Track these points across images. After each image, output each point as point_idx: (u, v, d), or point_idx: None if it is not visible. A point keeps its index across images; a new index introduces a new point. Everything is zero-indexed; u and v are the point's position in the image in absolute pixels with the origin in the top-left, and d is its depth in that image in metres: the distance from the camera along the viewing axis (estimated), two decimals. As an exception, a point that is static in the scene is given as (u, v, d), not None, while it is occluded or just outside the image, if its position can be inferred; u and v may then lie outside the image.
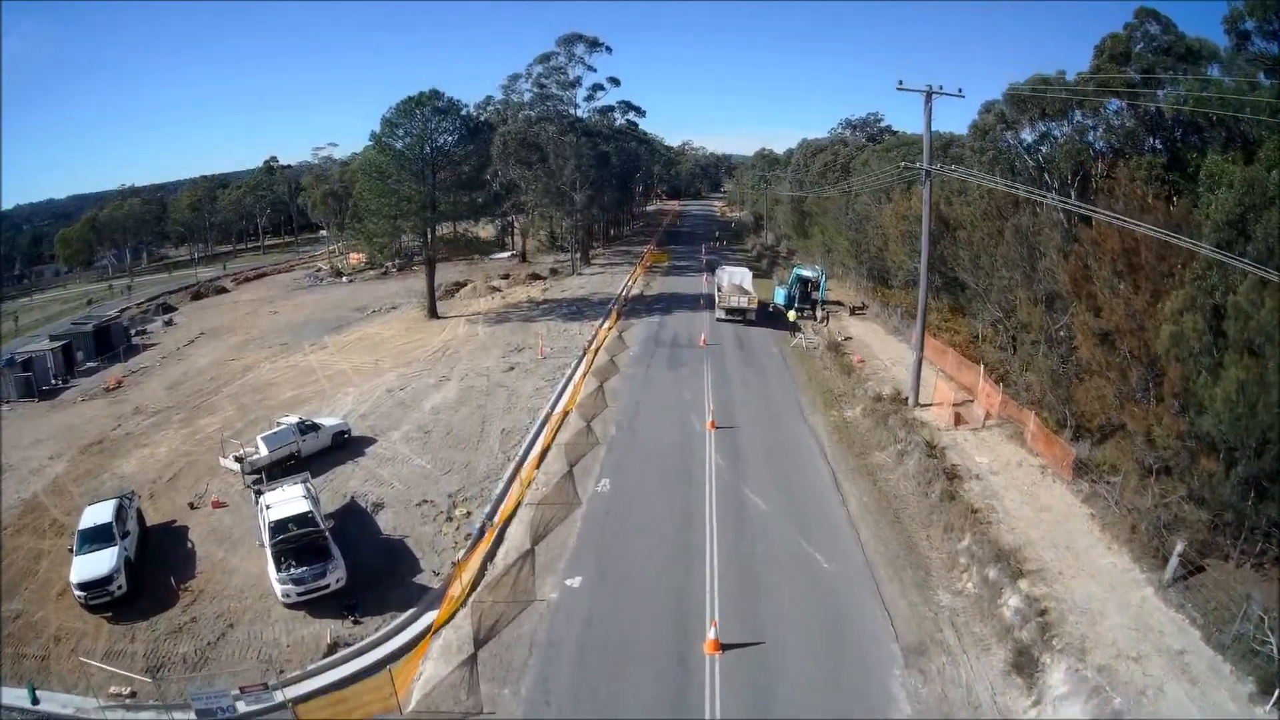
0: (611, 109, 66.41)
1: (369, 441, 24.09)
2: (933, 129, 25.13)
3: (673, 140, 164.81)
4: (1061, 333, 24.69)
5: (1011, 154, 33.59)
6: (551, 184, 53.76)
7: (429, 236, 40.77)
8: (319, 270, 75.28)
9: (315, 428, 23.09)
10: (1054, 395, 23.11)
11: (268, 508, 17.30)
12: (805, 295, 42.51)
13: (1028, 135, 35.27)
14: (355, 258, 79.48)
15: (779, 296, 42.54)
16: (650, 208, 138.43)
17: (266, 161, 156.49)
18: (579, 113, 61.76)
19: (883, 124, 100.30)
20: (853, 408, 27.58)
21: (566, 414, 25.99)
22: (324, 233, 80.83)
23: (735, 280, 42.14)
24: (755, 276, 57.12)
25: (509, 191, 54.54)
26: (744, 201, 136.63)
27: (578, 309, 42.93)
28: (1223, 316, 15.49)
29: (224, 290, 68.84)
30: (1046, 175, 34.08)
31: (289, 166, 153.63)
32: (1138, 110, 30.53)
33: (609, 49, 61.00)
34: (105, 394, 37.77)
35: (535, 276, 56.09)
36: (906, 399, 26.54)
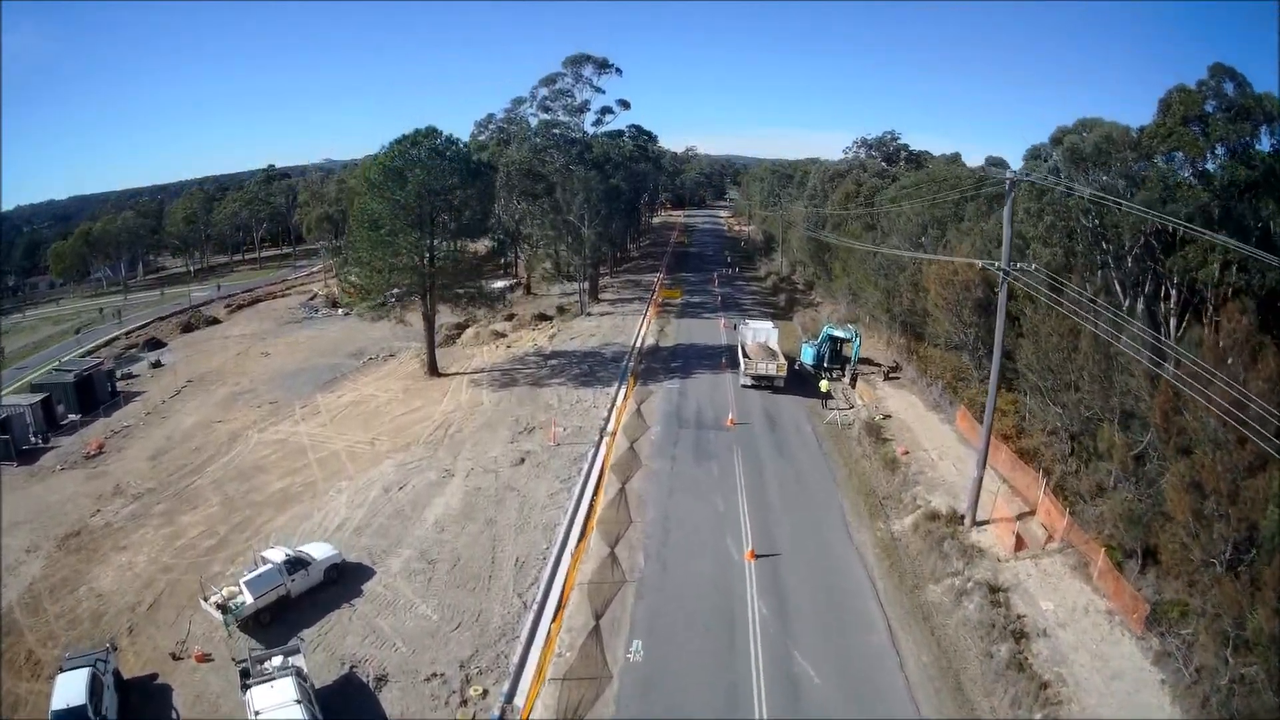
0: (621, 134, 63.53)
1: (366, 573, 21.28)
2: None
3: (675, 142, 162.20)
4: (1145, 462, 22.05)
5: (1071, 218, 30.92)
6: (559, 219, 50.83)
7: (428, 297, 37.72)
8: (313, 299, 72.28)
9: (305, 564, 20.27)
10: (1128, 535, 20.51)
11: (256, 714, 14.63)
12: (835, 353, 39.88)
13: (1083, 187, 32.53)
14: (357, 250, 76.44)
15: (807, 355, 39.80)
16: (656, 220, 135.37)
17: (265, 170, 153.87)
18: (587, 136, 58.85)
19: (899, 141, 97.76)
20: (900, 518, 24.93)
21: (588, 533, 23.21)
22: (320, 253, 77.49)
23: (760, 339, 39.49)
24: (775, 318, 54.72)
25: (514, 238, 51.60)
26: (751, 215, 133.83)
27: (589, 368, 40.05)
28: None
29: (216, 321, 65.87)
30: (1105, 243, 31.44)
31: (286, 176, 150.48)
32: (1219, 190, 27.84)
33: (619, 70, 58.25)
34: (85, 461, 35.23)
35: (541, 317, 53.21)
36: (962, 517, 23.87)
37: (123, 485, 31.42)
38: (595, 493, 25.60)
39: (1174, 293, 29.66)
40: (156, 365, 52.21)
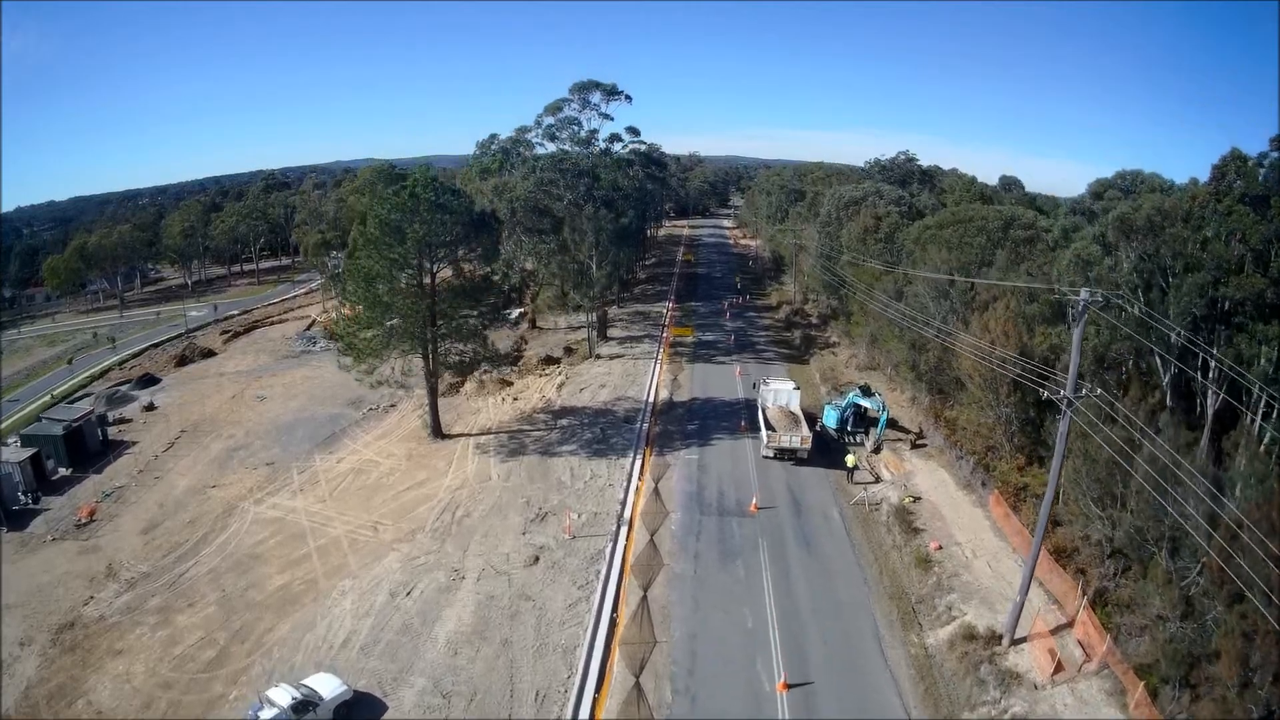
0: (631, 163, 62.09)
1: (378, 709, 20.04)
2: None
3: (678, 143, 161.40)
4: (1193, 601, 20.88)
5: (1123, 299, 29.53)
6: (567, 260, 49.45)
7: (429, 359, 36.30)
8: (310, 327, 70.94)
9: (312, 705, 19.03)
10: (1170, 668, 19.43)
11: None
12: (859, 415, 38.72)
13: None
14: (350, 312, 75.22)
15: (830, 418, 38.62)
16: (661, 232, 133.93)
17: (264, 179, 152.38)
18: (595, 167, 57.34)
19: (915, 162, 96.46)
20: (935, 630, 23.93)
21: (611, 656, 21.98)
22: (317, 277, 76.09)
23: (781, 401, 38.30)
24: (791, 360, 53.53)
25: (523, 285, 50.18)
26: (758, 229, 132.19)
27: (602, 431, 38.74)
28: None
29: (211, 353, 64.46)
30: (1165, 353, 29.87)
31: (286, 185, 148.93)
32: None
33: (628, 97, 56.80)
34: (77, 530, 34.14)
35: (549, 360, 51.89)
36: (1000, 636, 22.83)
37: (115, 565, 30.39)
38: (616, 604, 24.34)
39: (1212, 390, 28.51)
40: (150, 408, 50.90)
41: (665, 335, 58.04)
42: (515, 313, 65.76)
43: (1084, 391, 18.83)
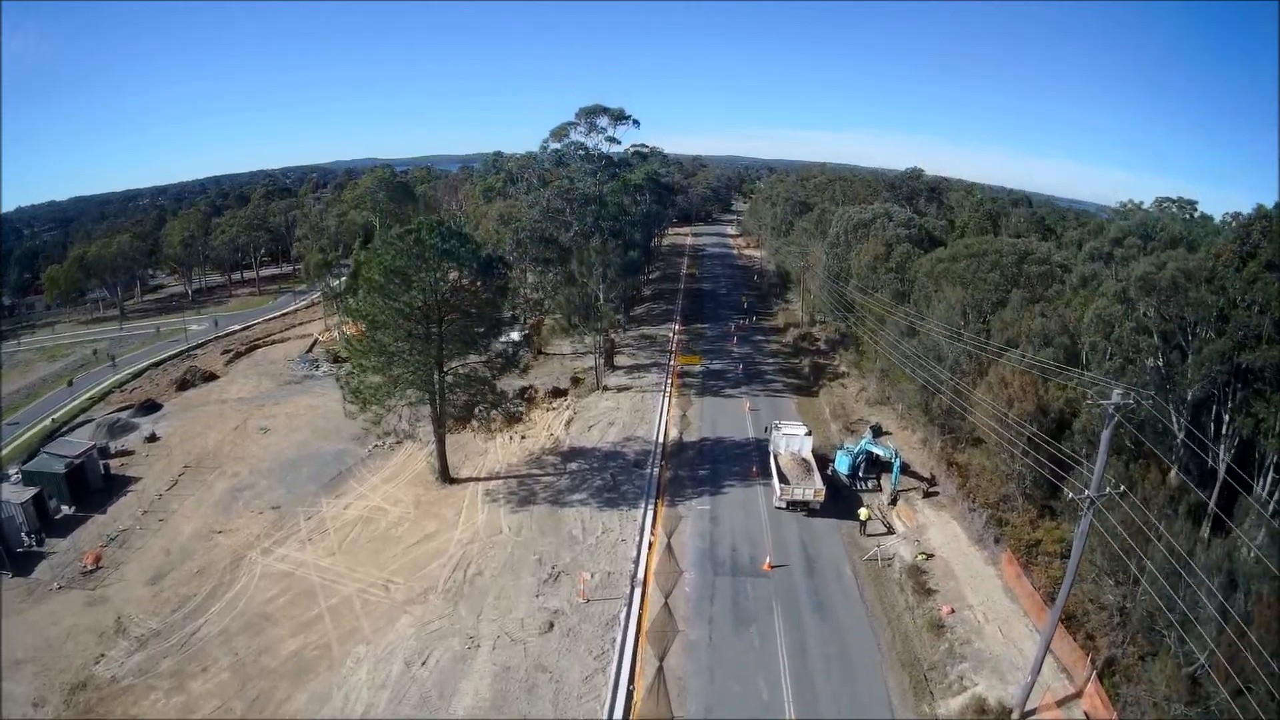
0: (641, 188, 62.20)
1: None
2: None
3: (679, 143, 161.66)
4: (1200, 684, 21.14)
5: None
6: (574, 293, 49.56)
7: (437, 405, 36.36)
8: (313, 348, 71.07)
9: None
10: None
11: None
12: (871, 461, 38.98)
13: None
14: (351, 329, 75.38)
15: (842, 464, 38.85)
16: (664, 242, 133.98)
17: (265, 185, 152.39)
18: (602, 194, 57.49)
19: (922, 178, 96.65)
20: (946, 700, 24.29)
21: (627, 738, 22.20)
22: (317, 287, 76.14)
23: (793, 448, 38.58)
24: (800, 392, 53.68)
25: (530, 311, 50.24)
26: (761, 239, 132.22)
27: (612, 477, 38.89)
28: None
29: (213, 376, 64.57)
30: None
31: (288, 192, 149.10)
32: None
33: (636, 122, 57.01)
34: (83, 577, 34.38)
35: (556, 393, 52.07)
36: (1010, 710, 23.18)
37: (125, 620, 30.65)
38: (633, 676, 24.55)
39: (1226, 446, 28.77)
40: (152, 439, 51.02)
41: (673, 364, 58.14)
42: (519, 335, 65.98)
43: (1107, 490, 18.97)
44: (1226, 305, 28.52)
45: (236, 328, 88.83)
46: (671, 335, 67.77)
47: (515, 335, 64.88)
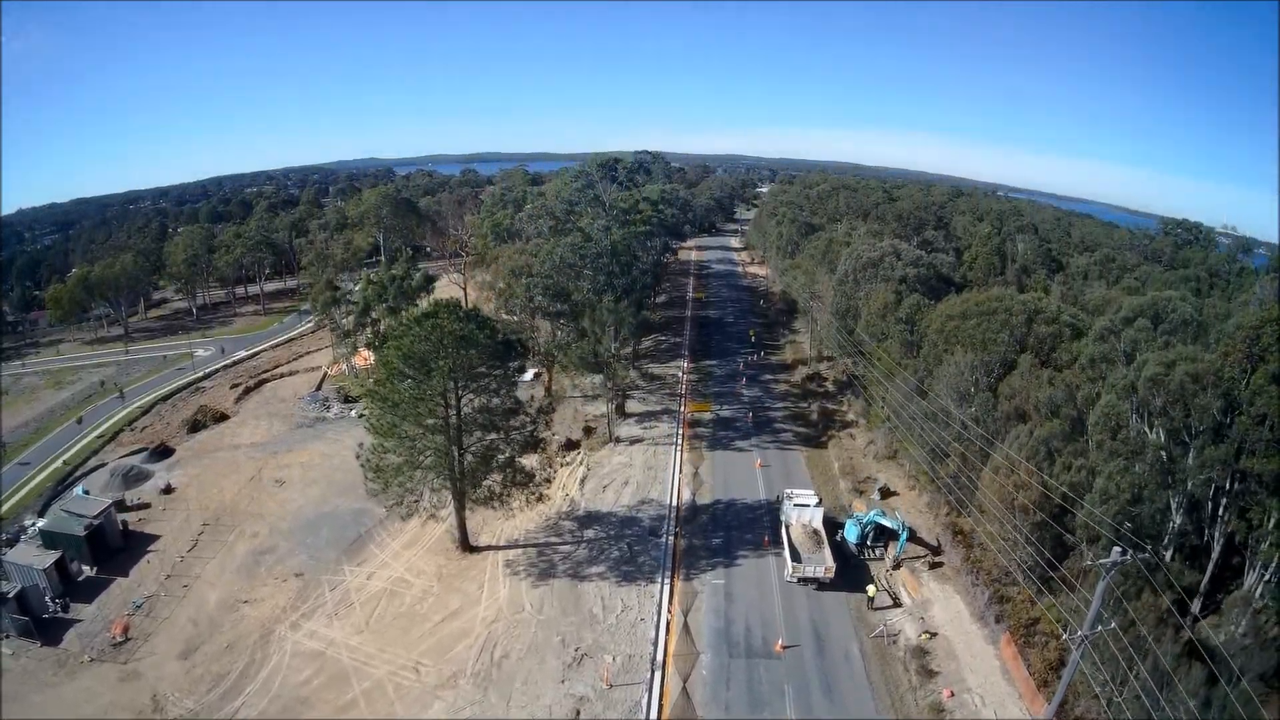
0: (653, 233, 63.94)
1: None
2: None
3: (680, 145, 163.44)
4: None
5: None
6: (585, 349, 51.29)
7: (456, 478, 37.99)
8: (321, 387, 72.78)
9: None
10: None
11: None
12: (880, 531, 40.89)
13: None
14: (362, 359, 77.14)
15: (851, 533, 40.86)
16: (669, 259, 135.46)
17: (267, 197, 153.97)
18: (615, 243, 59.22)
19: (931, 209, 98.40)
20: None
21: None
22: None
23: (804, 519, 40.70)
24: (809, 443, 55.51)
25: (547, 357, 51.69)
26: (766, 255, 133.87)
27: (629, 547, 40.85)
28: None
29: (224, 417, 66.41)
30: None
31: (290, 201, 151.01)
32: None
33: (647, 170, 58.70)
34: (113, 649, 36.18)
35: (569, 445, 53.89)
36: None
37: (160, 698, 32.53)
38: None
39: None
40: (167, 490, 52.79)
41: (684, 412, 59.96)
42: (531, 374, 67.76)
43: (1099, 628, 20.85)
44: (1231, 410, 30.25)
45: (243, 354, 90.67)
46: (681, 375, 69.61)
47: (529, 375, 66.95)
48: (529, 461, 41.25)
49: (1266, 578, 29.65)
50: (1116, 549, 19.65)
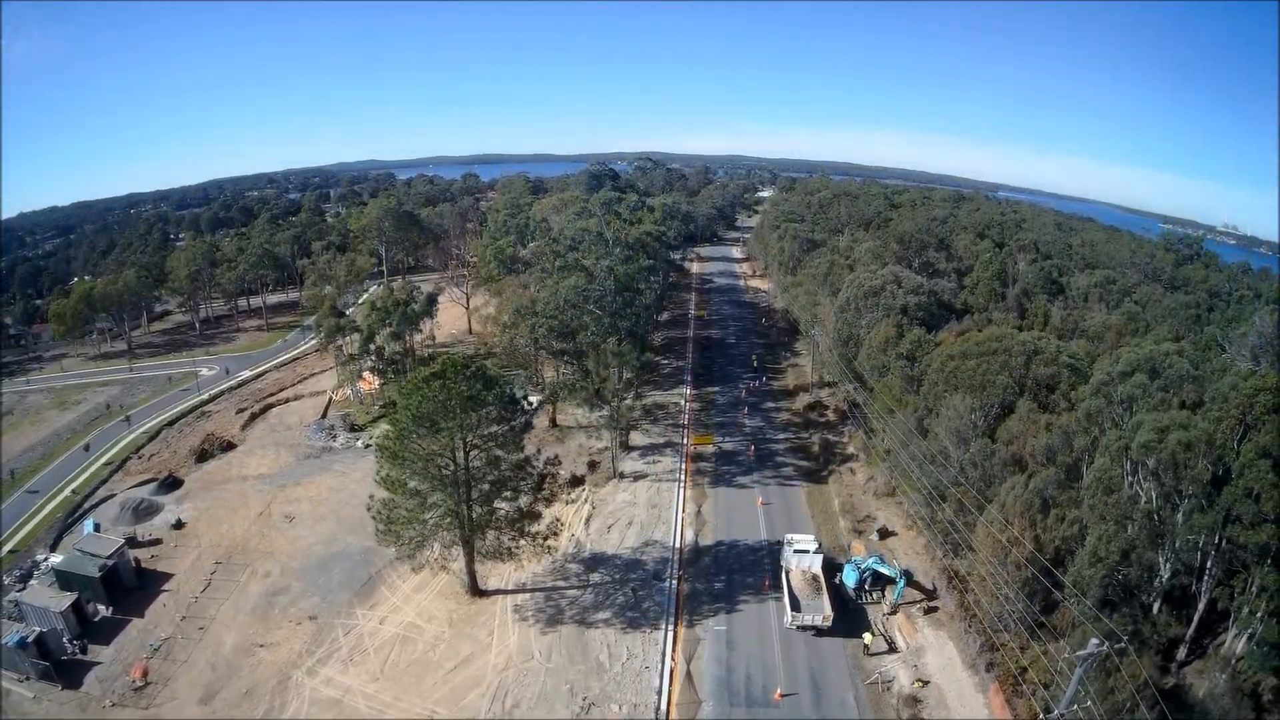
0: (655, 269, 65.57)
1: None
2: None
3: (681, 145, 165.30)
4: None
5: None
6: (589, 386, 52.97)
7: (465, 526, 39.61)
8: (327, 416, 74.48)
9: None
10: None
11: None
12: (877, 577, 42.62)
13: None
14: (367, 383, 78.90)
15: (849, 577, 42.67)
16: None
17: (269, 206, 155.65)
18: (620, 281, 60.77)
19: (934, 231, 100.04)
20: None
21: None
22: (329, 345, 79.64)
23: (804, 565, 42.44)
24: (810, 478, 57.22)
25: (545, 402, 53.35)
26: (768, 268, 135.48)
27: (634, 591, 42.73)
28: None
29: (231, 445, 68.13)
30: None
31: (292, 209, 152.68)
32: None
33: (650, 207, 60.24)
34: (134, 694, 37.82)
35: (574, 481, 55.58)
36: None
37: (184, 747, 34.04)
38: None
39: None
40: (178, 525, 54.52)
41: (687, 445, 61.65)
42: (536, 402, 69.52)
43: (1075, 706, 22.62)
44: (1221, 477, 31.87)
45: (247, 374, 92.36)
46: (684, 402, 71.32)
47: (533, 400, 68.67)
48: (539, 509, 42.84)
49: (1246, 638, 31.41)
50: (1094, 641, 21.39)
